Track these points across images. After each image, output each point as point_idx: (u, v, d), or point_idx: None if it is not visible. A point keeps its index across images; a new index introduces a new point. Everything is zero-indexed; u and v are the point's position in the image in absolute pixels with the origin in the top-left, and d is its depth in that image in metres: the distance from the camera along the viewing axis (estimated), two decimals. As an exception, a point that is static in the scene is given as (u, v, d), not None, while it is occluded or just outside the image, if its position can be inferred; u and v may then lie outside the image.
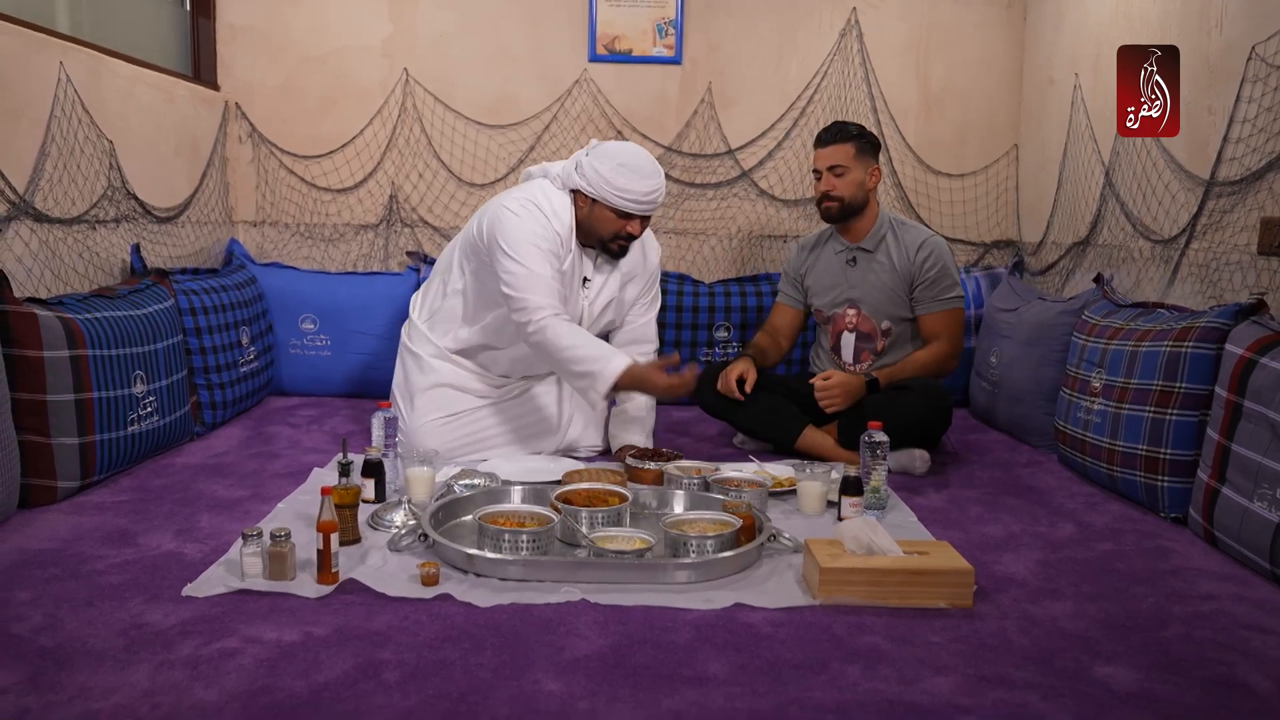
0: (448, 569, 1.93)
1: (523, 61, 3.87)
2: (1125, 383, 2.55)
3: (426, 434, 2.75)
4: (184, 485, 2.50)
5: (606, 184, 2.59)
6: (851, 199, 2.97)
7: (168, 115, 3.33)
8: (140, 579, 1.87)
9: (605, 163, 2.60)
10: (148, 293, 2.83)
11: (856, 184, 2.96)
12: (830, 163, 2.95)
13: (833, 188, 2.96)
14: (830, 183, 2.96)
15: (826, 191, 2.97)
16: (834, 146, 2.95)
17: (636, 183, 2.60)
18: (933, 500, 2.55)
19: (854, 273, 3.05)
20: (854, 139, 2.95)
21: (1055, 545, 2.21)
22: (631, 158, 2.62)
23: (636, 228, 2.67)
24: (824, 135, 2.99)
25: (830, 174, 2.95)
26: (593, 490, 2.24)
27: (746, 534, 2.06)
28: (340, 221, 3.95)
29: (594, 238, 2.71)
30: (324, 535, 1.85)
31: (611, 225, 2.65)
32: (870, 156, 2.99)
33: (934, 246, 2.99)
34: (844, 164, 2.94)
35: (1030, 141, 3.85)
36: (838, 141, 2.95)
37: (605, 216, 2.65)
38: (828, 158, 2.96)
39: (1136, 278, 3.01)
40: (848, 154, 2.94)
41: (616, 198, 2.60)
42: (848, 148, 2.94)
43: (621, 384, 2.52)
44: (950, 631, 1.73)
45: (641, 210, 2.64)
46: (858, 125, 3.00)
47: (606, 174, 2.59)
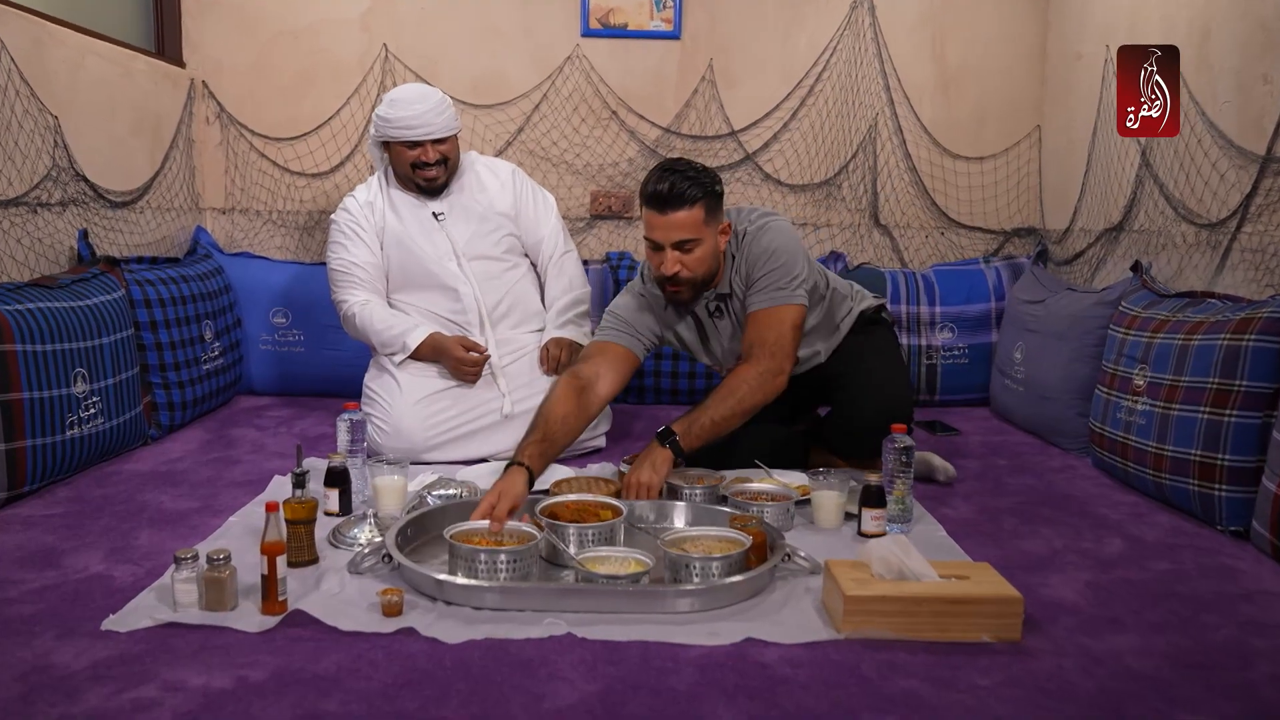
0: (414, 596, 1.68)
1: (511, 36, 3.62)
2: (1174, 380, 2.29)
3: (415, 417, 2.60)
4: (127, 496, 2.25)
5: (384, 123, 2.74)
6: (706, 275, 2.29)
7: (124, 91, 3.07)
8: (56, 609, 1.62)
9: (383, 106, 2.76)
10: (94, 283, 2.57)
11: (709, 255, 2.26)
12: (678, 236, 2.20)
13: (682, 267, 2.23)
14: (677, 261, 2.22)
15: (673, 275, 2.24)
16: (682, 212, 2.18)
17: (401, 109, 2.71)
18: (960, 511, 2.30)
19: (724, 323, 2.42)
20: (705, 196, 2.20)
21: (1105, 564, 1.95)
22: (400, 91, 2.79)
23: (429, 153, 2.75)
24: (661, 193, 2.18)
25: (677, 250, 2.22)
26: (582, 503, 1.98)
27: (757, 553, 1.81)
28: (315, 209, 3.69)
29: (405, 178, 2.82)
30: (269, 558, 1.60)
31: (407, 157, 2.77)
32: (719, 211, 2.26)
33: (755, 234, 2.32)
34: (694, 235, 2.21)
35: (1054, 122, 3.60)
36: (685, 205, 2.17)
37: (399, 152, 2.77)
38: (673, 229, 2.20)
39: (1179, 265, 2.76)
40: (697, 221, 2.20)
41: (394, 130, 2.72)
42: (697, 212, 2.19)
43: (423, 348, 2.69)
44: (999, 672, 1.47)
45: (420, 135, 2.71)
46: (697, 168, 2.23)
47: (381, 114, 2.76)
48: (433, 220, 2.82)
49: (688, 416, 2.25)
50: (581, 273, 2.99)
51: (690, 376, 3.43)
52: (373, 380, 2.74)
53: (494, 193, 2.89)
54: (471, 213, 2.84)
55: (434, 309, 2.80)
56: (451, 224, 2.82)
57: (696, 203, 2.19)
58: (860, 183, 3.70)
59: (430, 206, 2.83)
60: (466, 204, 2.85)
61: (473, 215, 2.84)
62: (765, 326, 2.29)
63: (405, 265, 2.80)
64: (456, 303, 2.78)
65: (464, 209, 2.85)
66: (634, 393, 3.47)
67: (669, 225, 2.21)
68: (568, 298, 2.89)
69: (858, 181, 3.70)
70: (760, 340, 2.28)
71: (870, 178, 3.70)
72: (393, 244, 2.81)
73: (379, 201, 2.85)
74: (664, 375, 3.44)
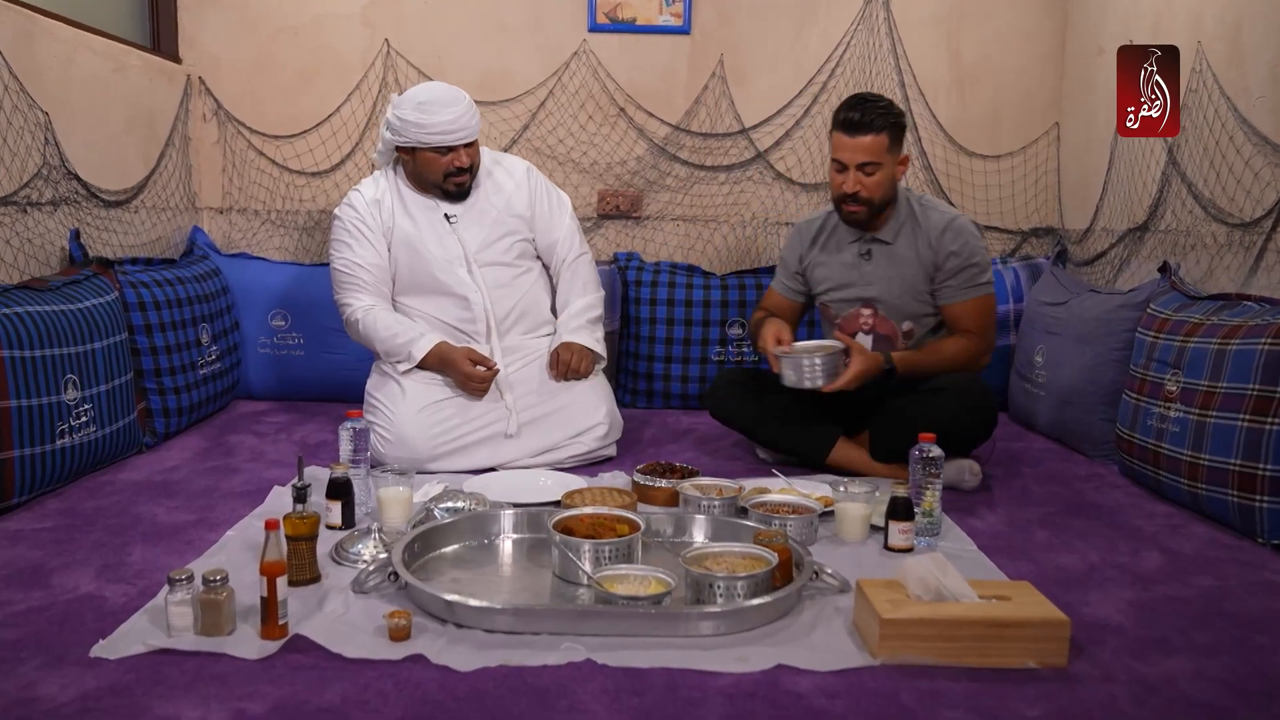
0: (422, 618, 1.59)
1: (516, 32, 3.53)
2: (1210, 386, 2.21)
3: (419, 425, 2.49)
4: (121, 508, 2.15)
5: (416, 128, 2.57)
6: (881, 200, 2.49)
7: (117, 87, 2.97)
8: (44, 633, 1.53)
9: (406, 109, 2.58)
10: (86, 285, 2.48)
11: (887, 181, 2.46)
12: (863, 158, 2.41)
13: (861, 188, 2.44)
14: (858, 182, 2.44)
15: (854, 193, 2.46)
16: (869, 137, 2.40)
17: (440, 113, 2.56)
18: (989, 522, 2.21)
19: (869, 268, 2.57)
20: (890, 127, 2.42)
21: (1145, 580, 1.86)
22: (428, 93, 2.61)
23: (463, 157, 2.62)
24: (853, 120, 2.41)
25: (859, 172, 2.43)
26: (597, 517, 1.89)
27: (783, 571, 1.72)
28: (315, 208, 3.59)
29: (433, 185, 2.67)
30: (268, 579, 1.50)
31: (438, 165, 2.62)
32: (901, 142, 2.49)
33: (960, 228, 2.51)
34: (877, 159, 2.42)
35: (1074, 119, 3.51)
36: (873, 131, 2.40)
37: (429, 159, 2.62)
38: (859, 151, 2.41)
39: (1209, 266, 2.67)
40: (881, 147, 2.41)
41: (429, 135, 2.57)
42: (882, 139, 2.41)
43: (430, 358, 2.58)
44: (1048, 701, 1.38)
45: (456, 139, 2.58)
46: (886, 101, 2.47)
47: (407, 118, 2.57)
48: (445, 223, 2.69)
49: (903, 352, 2.49)
50: (596, 276, 2.88)
51: (701, 381, 3.34)
52: (375, 387, 2.64)
53: (510, 193, 2.76)
54: (486, 216, 2.71)
55: (441, 315, 2.69)
56: (464, 228, 2.69)
57: (882, 131, 2.41)
58: (874, 181, 3.60)
59: (443, 208, 2.70)
60: (482, 207, 2.72)
61: (487, 219, 2.71)
62: (980, 313, 2.54)
63: (413, 268, 2.69)
64: (465, 310, 2.68)
65: (479, 212, 2.71)
66: (643, 396, 3.38)
67: (856, 148, 2.42)
68: (581, 302, 2.79)
69: (871, 180, 3.60)
70: (976, 325, 2.54)
71: (884, 176, 3.60)
72: (401, 246, 2.68)
73: (388, 199, 2.70)
74: (674, 380, 3.35)
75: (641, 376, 3.37)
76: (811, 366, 2.33)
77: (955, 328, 2.55)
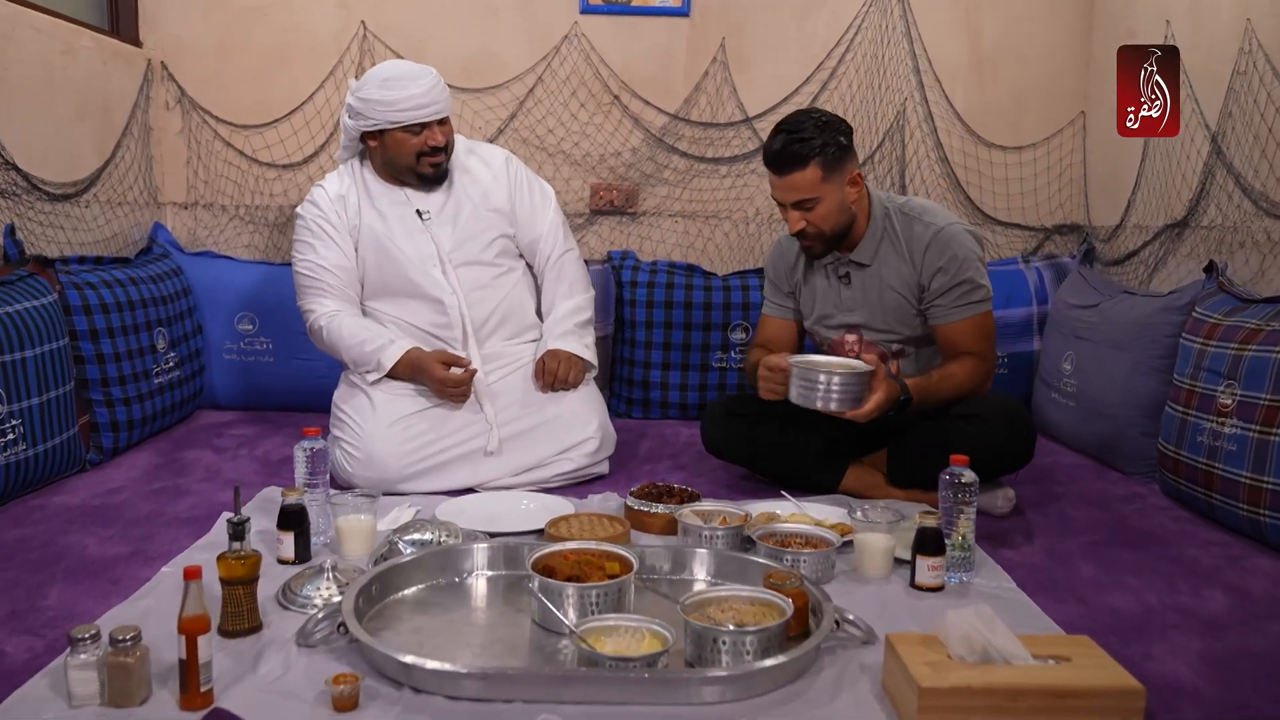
0: (375, 680, 1.34)
1: (503, 13, 3.29)
2: (1274, 400, 1.98)
3: (389, 442, 2.26)
4: (46, 538, 1.91)
5: (382, 106, 2.37)
6: (835, 229, 2.24)
7: (65, 70, 2.73)
8: (-78, 702, 1.28)
9: (370, 88, 2.39)
10: (20, 286, 2.24)
11: (835, 210, 2.21)
12: (795, 196, 2.19)
13: (807, 224, 2.22)
14: (801, 219, 2.22)
15: (799, 231, 2.25)
16: (794, 173, 2.16)
17: (408, 87, 2.37)
18: (1025, 553, 1.97)
19: (849, 293, 2.33)
20: (818, 154, 2.14)
21: (1213, 627, 1.62)
22: (391, 69, 2.43)
23: (437, 135, 2.43)
24: (773, 154, 2.18)
25: (798, 209, 2.21)
26: (583, 553, 1.64)
27: (798, 619, 1.48)
28: (287, 203, 3.35)
29: (406, 170, 2.46)
30: (187, 638, 1.26)
31: (410, 145, 2.42)
32: (843, 163, 2.19)
33: (946, 241, 2.23)
34: (812, 194, 2.18)
35: (1102, 107, 3.26)
36: (797, 166, 2.15)
37: (401, 140, 2.42)
38: (789, 190, 2.19)
39: (1260, 266, 2.43)
40: (813, 180, 2.16)
41: (399, 113, 2.37)
42: (812, 172, 2.15)
43: (401, 365, 2.37)
44: (1125, 795, 1.14)
45: (429, 114, 2.38)
46: (814, 122, 2.17)
47: (376, 97, 2.38)
48: (416, 219, 2.48)
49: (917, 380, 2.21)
50: (584, 274, 2.64)
51: (701, 389, 3.10)
52: (343, 400, 2.40)
53: (487, 185, 2.55)
54: (462, 211, 2.50)
55: (414, 320, 2.45)
56: (438, 225, 2.48)
57: (808, 162, 2.16)
58: (887, 174, 3.37)
59: (415, 203, 2.49)
60: (458, 200, 2.51)
61: (463, 214, 2.50)
62: (977, 332, 2.27)
63: (383, 269, 2.46)
64: (440, 315, 2.44)
65: (454, 206, 2.51)
66: (638, 406, 3.14)
67: (786, 186, 2.20)
68: (569, 304, 2.55)
69: (884, 173, 3.37)
70: (975, 344, 2.26)
71: (898, 169, 3.37)
72: (369, 245, 2.46)
73: (353, 195, 2.49)
74: (672, 388, 3.11)
75: (637, 385, 3.13)
76: (827, 385, 2.02)
77: (952, 350, 2.28)
